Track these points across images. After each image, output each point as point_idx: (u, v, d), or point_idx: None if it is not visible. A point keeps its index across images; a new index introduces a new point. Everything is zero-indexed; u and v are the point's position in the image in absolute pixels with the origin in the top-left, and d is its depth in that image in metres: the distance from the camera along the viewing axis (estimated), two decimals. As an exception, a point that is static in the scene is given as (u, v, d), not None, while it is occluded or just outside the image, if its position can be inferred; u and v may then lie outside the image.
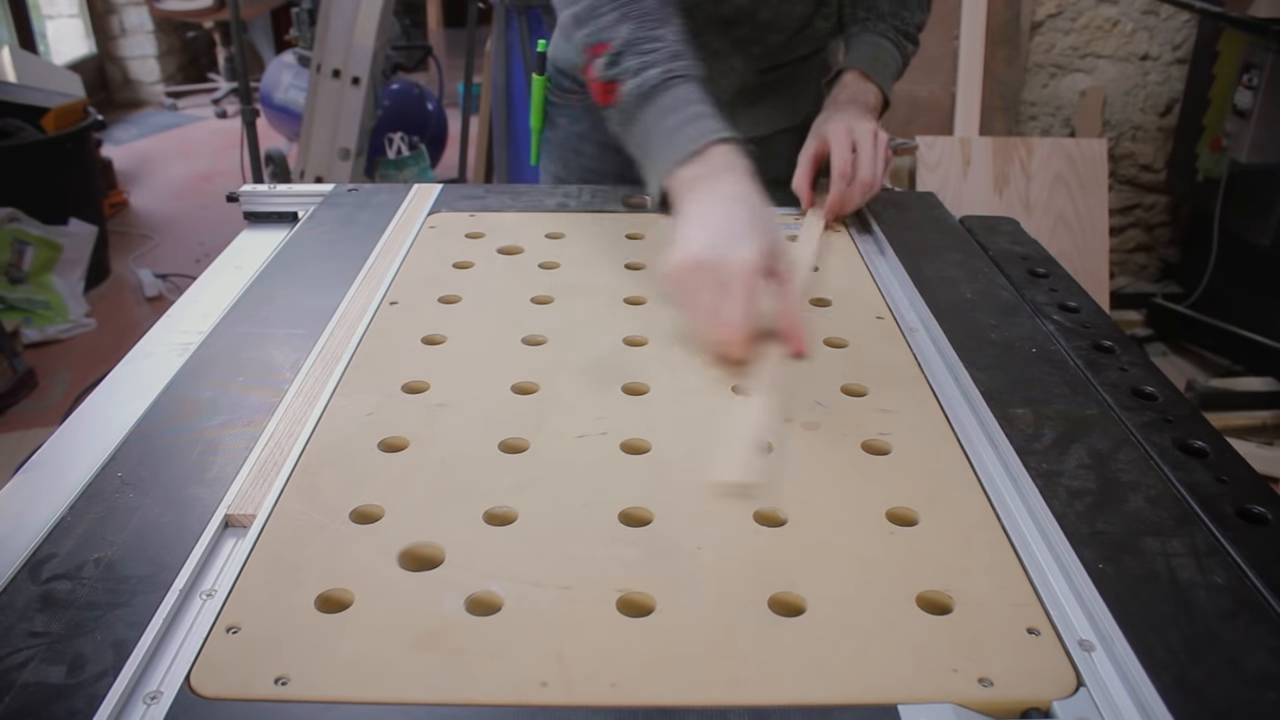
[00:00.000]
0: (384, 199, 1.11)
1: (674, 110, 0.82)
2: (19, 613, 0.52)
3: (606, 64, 0.85)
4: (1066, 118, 2.92)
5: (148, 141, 4.77)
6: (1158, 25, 2.81)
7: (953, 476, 0.65)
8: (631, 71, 0.83)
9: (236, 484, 0.62)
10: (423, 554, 0.57)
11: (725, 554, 0.57)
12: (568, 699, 0.47)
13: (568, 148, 1.24)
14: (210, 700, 0.47)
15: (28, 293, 2.97)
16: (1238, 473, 0.65)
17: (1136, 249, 3.11)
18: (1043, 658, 0.50)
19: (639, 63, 0.83)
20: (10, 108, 3.17)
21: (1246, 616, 0.52)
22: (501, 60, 2.92)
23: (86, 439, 0.68)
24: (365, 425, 0.69)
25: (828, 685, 0.48)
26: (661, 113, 0.82)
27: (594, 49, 0.86)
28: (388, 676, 0.48)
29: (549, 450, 0.66)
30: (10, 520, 0.59)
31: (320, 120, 3.02)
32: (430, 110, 3.64)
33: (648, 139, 0.84)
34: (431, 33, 5.08)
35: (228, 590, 0.53)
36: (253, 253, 1.01)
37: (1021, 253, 1.01)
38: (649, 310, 0.86)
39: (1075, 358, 0.79)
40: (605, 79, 0.85)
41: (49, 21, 4.95)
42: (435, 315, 0.85)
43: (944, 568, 0.56)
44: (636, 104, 0.83)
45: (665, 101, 0.82)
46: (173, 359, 0.79)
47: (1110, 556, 0.57)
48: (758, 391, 0.72)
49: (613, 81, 0.84)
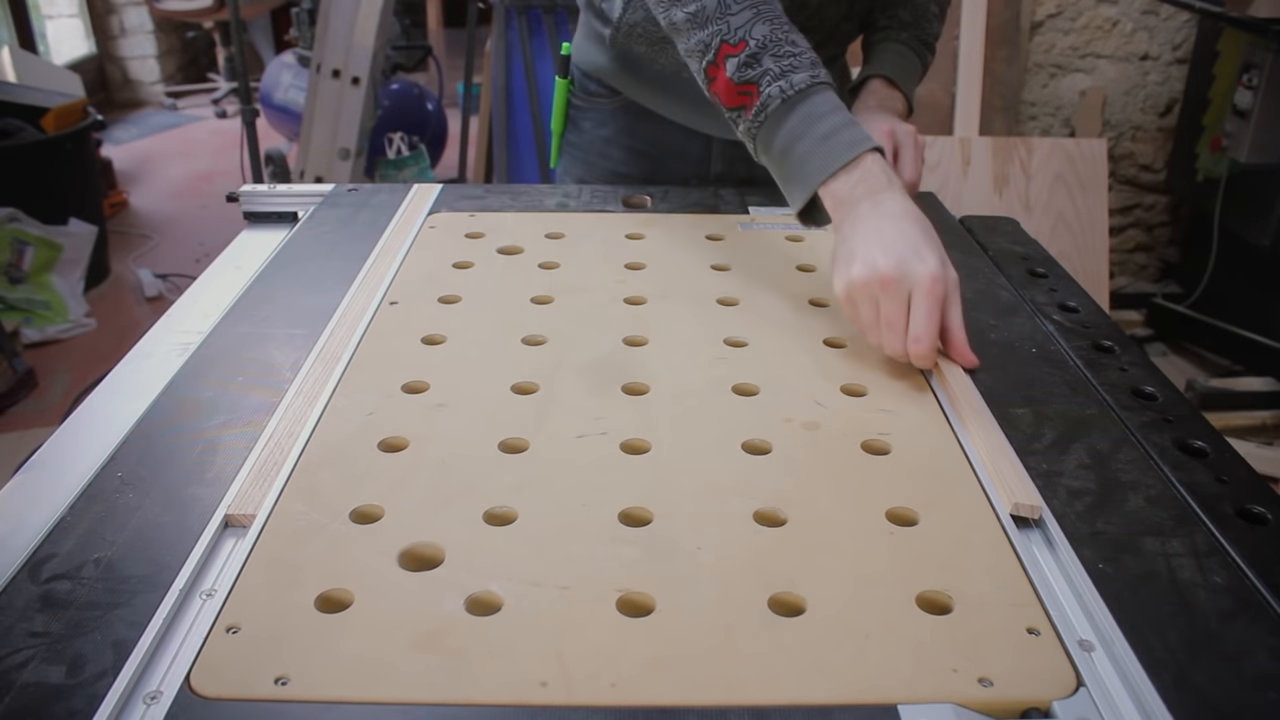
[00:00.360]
0: (384, 199, 1.11)
1: (823, 117, 0.81)
2: (19, 613, 0.52)
3: (743, 64, 0.83)
4: (1066, 118, 2.92)
5: (148, 141, 4.77)
6: (1158, 25, 2.81)
7: (953, 476, 0.65)
8: (774, 74, 0.82)
9: (236, 484, 0.62)
10: (423, 554, 0.57)
11: (725, 554, 0.57)
12: (568, 699, 0.47)
13: (593, 151, 1.23)
14: (210, 700, 0.47)
15: (28, 293, 2.97)
16: (1238, 473, 0.65)
17: (1136, 249, 3.11)
18: (1043, 658, 0.50)
19: (781, 66, 0.82)
20: (10, 108, 3.17)
21: (1246, 616, 0.52)
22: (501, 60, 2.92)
23: (86, 439, 0.68)
24: (365, 425, 0.69)
25: (828, 685, 0.48)
26: (810, 119, 0.82)
27: (726, 49, 0.84)
28: (388, 676, 0.48)
29: (549, 450, 0.66)
30: (10, 520, 0.59)
31: (320, 120, 3.02)
32: (430, 110, 3.64)
33: (794, 144, 0.82)
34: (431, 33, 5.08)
35: (228, 590, 0.53)
36: (253, 253, 1.01)
37: (1021, 253, 1.01)
38: (649, 310, 0.86)
39: (1075, 358, 0.79)
40: (742, 80, 0.83)
41: (49, 21, 4.95)
42: (435, 315, 0.85)
43: (944, 568, 0.56)
44: (784, 108, 0.82)
45: (814, 107, 0.82)
46: (173, 359, 0.79)
47: (1110, 556, 0.57)
48: (973, 414, 0.71)
49: (750, 84, 0.83)
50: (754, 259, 0.97)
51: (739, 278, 0.93)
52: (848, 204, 0.80)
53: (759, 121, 0.84)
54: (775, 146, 0.84)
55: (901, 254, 0.75)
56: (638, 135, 1.19)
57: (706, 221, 1.05)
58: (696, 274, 0.93)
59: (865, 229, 0.78)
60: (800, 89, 0.82)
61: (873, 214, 0.78)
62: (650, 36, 1.06)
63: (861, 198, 0.79)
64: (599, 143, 1.22)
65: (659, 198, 1.12)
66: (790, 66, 0.82)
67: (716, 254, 0.97)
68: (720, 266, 0.95)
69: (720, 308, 0.87)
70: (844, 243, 0.79)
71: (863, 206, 0.79)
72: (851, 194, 0.80)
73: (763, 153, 0.86)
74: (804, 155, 0.82)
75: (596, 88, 1.19)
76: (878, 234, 0.77)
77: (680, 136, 1.17)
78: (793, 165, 0.83)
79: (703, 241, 1.01)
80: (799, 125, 0.82)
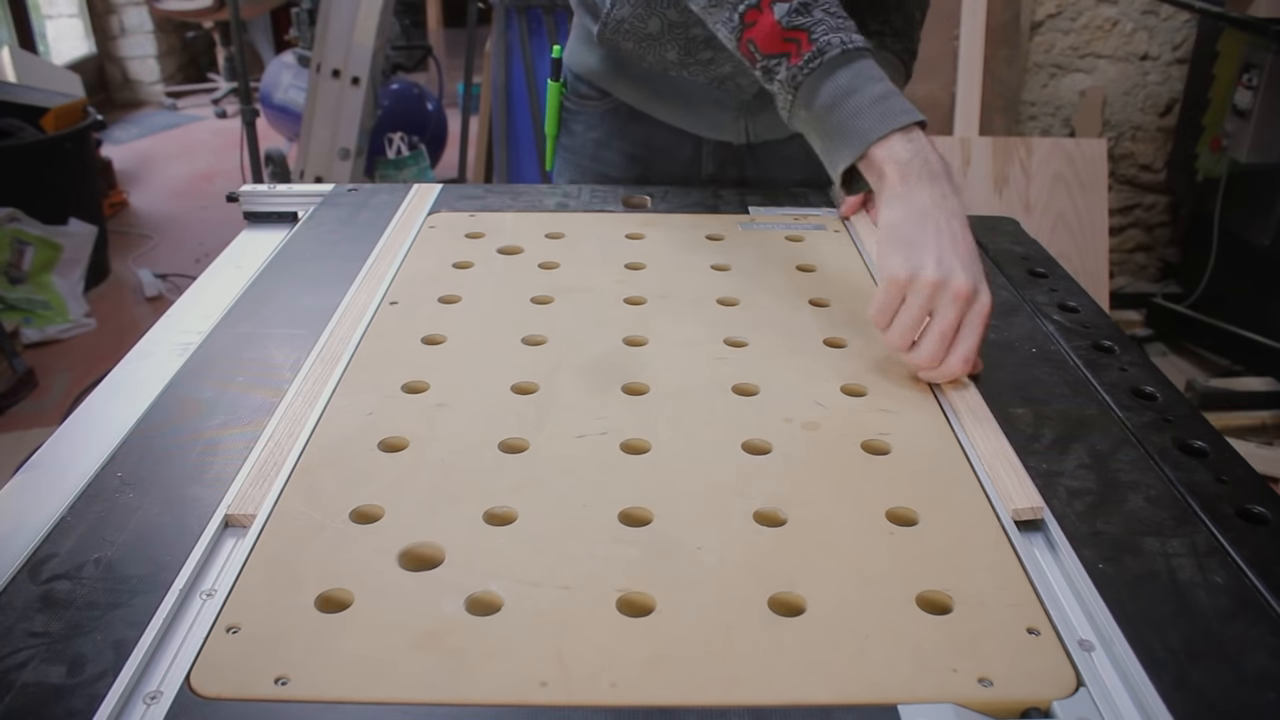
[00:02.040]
0: (384, 199, 1.11)
1: (878, 80, 0.79)
2: (19, 613, 0.52)
3: (795, 10, 0.80)
4: (1066, 118, 2.92)
5: (148, 141, 4.77)
6: (1158, 25, 2.81)
7: (953, 476, 0.65)
8: (831, 26, 0.79)
9: (236, 484, 0.62)
10: (423, 554, 0.57)
11: (725, 554, 0.57)
12: (568, 699, 0.47)
13: (585, 154, 1.22)
14: (210, 700, 0.47)
15: (28, 293, 2.97)
16: (1238, 473, 0.65)
17: (1136, 249, 3.11)
18: (1042, 658, 0.50)
19: (835, 21, 0.80)
20: (10, 108, 3.16)
21: (1246, 616, 0.52)
22: (501, 60, 2.92)
23: (86, 439, 0.68)
24: (365, 425, 0.69)
25: (828, 685, 0.48)
26: (865, 77, 0.78)
27: None
28: (388, 676, 0.48)
29: (549, 450, 0.66)
30: (10, 520, 0.59)
31: (320, 120, 3.02)
32: (430, 110, 3.64)
33: (847, 98, 0.78)
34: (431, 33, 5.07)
35: (228, 590, 0.53)
36: (253, 253, 1.01)
37: (1021, 253, 1.01)
38: (649, 310, 0.86)
39: (1075, 358, 0.79)
40: (791, 25, 0.80)
41: (49, 21, 4.95)
42: (435, 315, 0.85)
43: (944, 568, 0.56)
44: (841, 59, 0.79)
45: (869, 69, 0.79)
46: (172, 359, 0.79)
47: (1110, 556, 0.57)
48: (973, 415, 0.71)
49: (800, 30, 0.79)
50: (754, 259, 0.97)
51: (739, 278, 0.93)
52: (908, 175, 0.76)
53: (810, 69, 0.79)
54: (822, 97, 0.79)
55: (976, 271, 0.73)
56: (629, 137, 1.19)
57: (706, 221, 1.05)
58: (696, 274, 0.93)
59: (937, 221, 0.74)
60: (859, 46, 0.79)
61: (941, 206, 0.75)
62: (637, 34, 1.06)
63: (923, 175, 0.76)
64: (590, 145, 1.22)
65: (659, 198, 1.12)
66: (844, 25, 0.80)
67: (716, 254, 0.97)
68: (720, 266, 0.95)
69: (720, 308, 0.87)
70: (908, 223, 0.75)
71: (927, 189, 0.75)
72: (912, 164, 0.76)
73: (803, 104, 0.81)
74: (858, 109, 0.78)
75: (587, 90, 1.19)
76: (951, 236, 0.74)
77: (670, 138, 1.17)
78: (843, 118, 0.79)
79: (703, 241, 1.01)
80: (854, 80, 0.78)
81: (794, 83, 0.81)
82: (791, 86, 0.81)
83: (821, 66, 0.79)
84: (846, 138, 0.79)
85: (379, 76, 3.06)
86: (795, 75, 0.81)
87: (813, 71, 0.80)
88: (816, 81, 0.80)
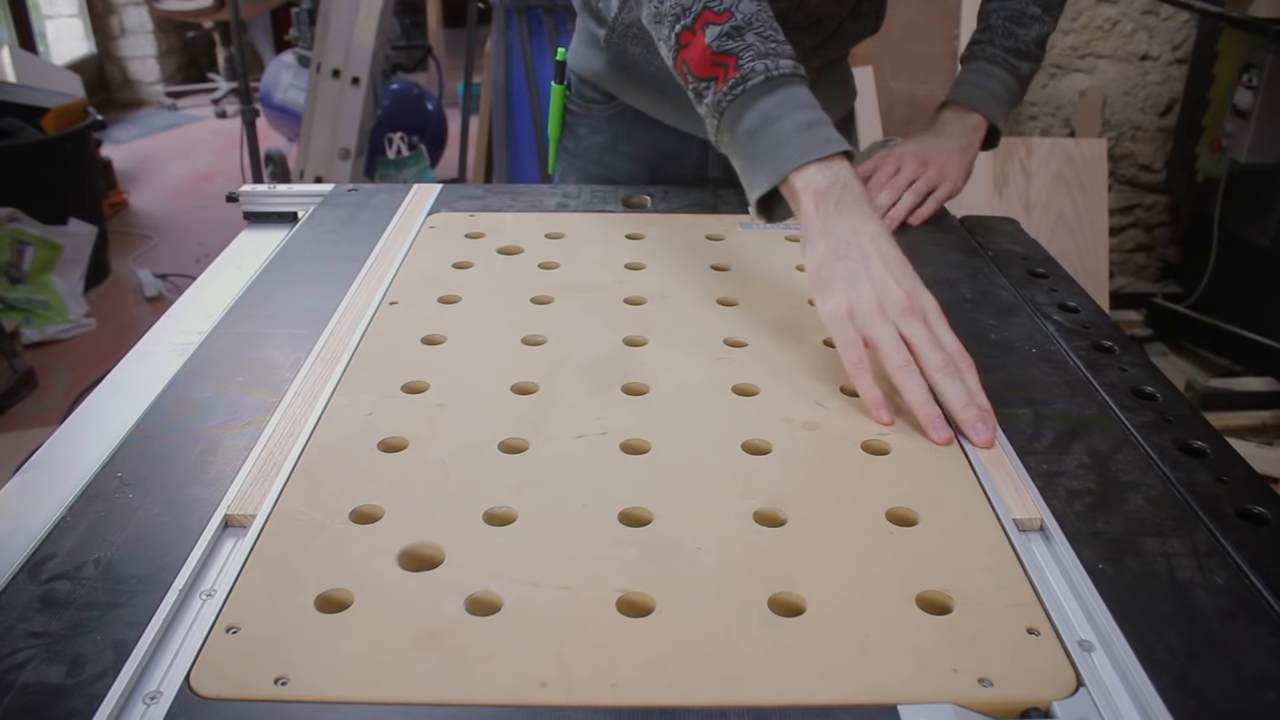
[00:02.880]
0: (384, 199, 1.11)
1: (804, 108, 0.79)
2: (19, 613, 0.52)
3: (724, 34, 0.80)
4: (1066, 118, 2.92)
5: (148, 141, 4.77)
6: (1158, 25, 2.81)
7: (953, 476, 0.65)
8: (759, 52, 0.79)
9: (236, 484, 0.62)
10: (423, 554, 0.57)
11: (725, 554, 0.57)
12: (568, 699, 0.47)
13: (589, 158, 1.22)
14: (210, 700, 0.47)
15: (28, 293, 2.97)
16: (1238, 473, 0.65)
17: (1136, 249, 3.11)
18: (1042, 658, 0.50)
19: (765, 46, 0.79)
20: (10, 108, 3.16)
21: (1246, 616, 0.52)
22: (501, 60, 2.92)
23: (86, 439, 0.68)
24: (365, 425, 0.69)
25: (828, 685, 0.48)
26: (790, 105, 0.78)
27: (709, 15, 0.80)
28: (388, 676, 0.48)
29: (549, 450, 0.66)
30: (10, 520, 0.59)
31: (320, 120, 3.02)
32: (430, 110, 3.64)
33: (769, 125, 0.78)
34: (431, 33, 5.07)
35: (227, 590, 0.53)
36: (253, 253, 1.01)
37: (1021, 253, 1.01)
38: (649, 310, 0.86)
39: (1075, 358, 0.79)
40: (720, 50, 0.80)
41: (49, 21, 4.95)
42: (435, 315, 0.85)
43: (944, 568, 0.56)
44: (765, 86, 0.79)
45: (795, 96, 0.79)
46: (172, 359, 0.79)
47: (1110, 556, 0.57)
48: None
49: (728, 55, 0.79)
50: (754, 259, 0.97)
51: (739, 278, 0.93)
52: (824, 205, 0.76)
53: (734, 95, 0.79)
54: (745, 123, 0.80)
55: (911, 280, 0.73)
56: (634, 141, 1.19)
57: (706, 221, 1.05)
58: (696, 274, 0.93)
59: (861, 248, 0.74)
60: (785, 73, 0.79)
61: (862, 232, 0.75)
62: (645, 37, 1.06)
63: (842, 203, 0.76)
64: (595, 149, 1.21)
65: (659, 198, 1.12)
66: (774, 50, 0.80)
67: (716, 254, 0.97)
68: (720, 266, 0.95)
69: (720, 308, 0.87)
70: (831, 259, 0.75)
71: (845, 218, 0.75)
72: (829, 193, 0.76)
73: (727, 129, 0.81)
74: (780, 138, 0.78)
75: (592, 93, 1.19)
76: (879, 255, 0.74)
77: (677, 142, 1.17)
78: (764, 146, 0.79)
79: (703, 241, 1.01)
80: (777, 108, 0.78)
81: (719, 108, 0.81)
82: (716, 111, 0.81)
83: (745, 94, 0.79)
84: (764, 165, 0.79)
85: (379, 76, 3.06)
86: (720, 100, 0.80)
87: (736, 98, 0.79)
88: (740, 108, 0.80)
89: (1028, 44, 1.10)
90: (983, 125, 1.11)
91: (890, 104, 2.79)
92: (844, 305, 0.73)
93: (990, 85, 1.10)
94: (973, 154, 1.10)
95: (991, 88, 1.10)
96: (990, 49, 1.10)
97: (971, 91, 1.11)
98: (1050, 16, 1.11)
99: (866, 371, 0.72)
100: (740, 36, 0.79)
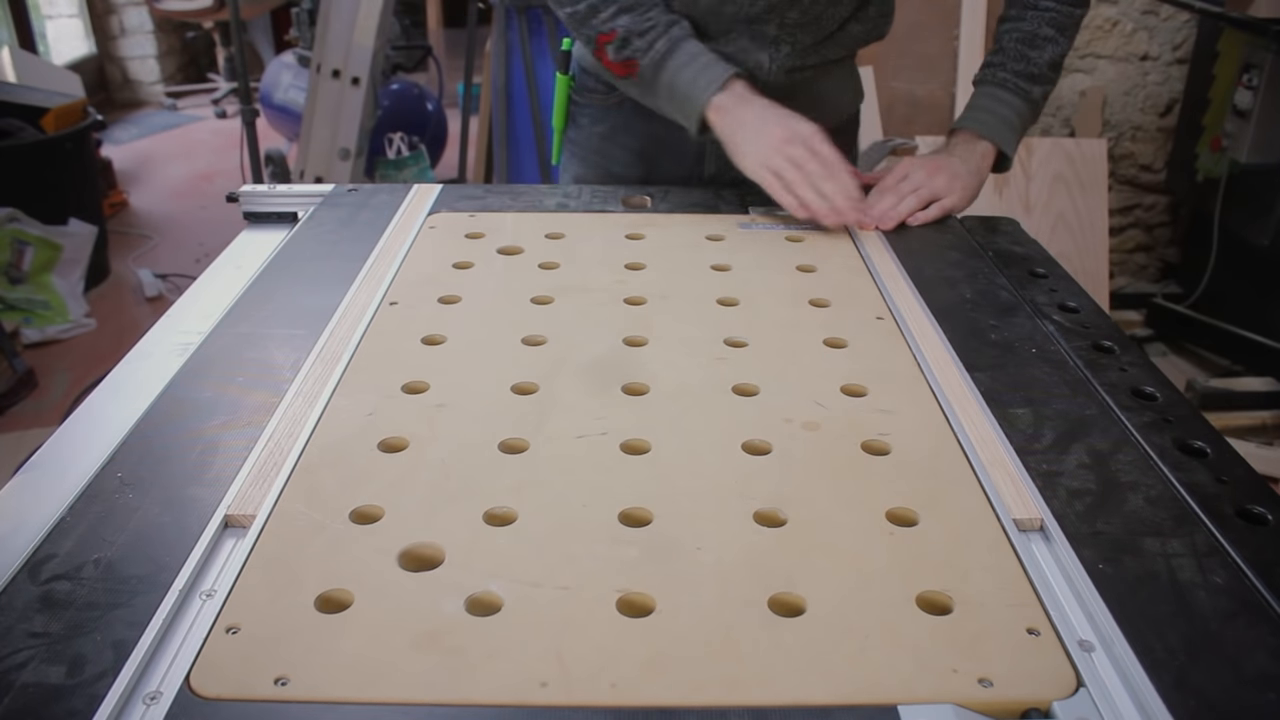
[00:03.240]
0: (384, 199, 1.11)
1: (689, 64, 1.05)
2: (19, 613, 0.52)
3: (618, 48, 1.05)
4: (1066, 118, 2.92)
5: (148, 141, 4.77)
6: (1158, 25, 2.81)
7: (953, 476, 0.65)
8: (642, 50, 1.05)
9: (236, 484, 0.62)
10: (423, 554, 0.57)
11: (725, 554, 0.57)
12: (568, 699, 0.47)
13: (590, 148, 1.24)
14: (210, 700, 0.47)
15: (28, 293, 2.97)
16: (1238, 473, 0.65)
17: (1136, 249, 3.11)
18: (1042, 658, 0.50)
19: (645, 41, 1.05)
20: (10, 108, 3.16)
21: (1246, 617, 0.52)
22: (501, 60, 2.92)
23: (86, 439, 0.68)
24: (365, 425, 0.69)
25: (828, 685, 0.48)
26: (679, 68, 1.05)
27: (602, 38, 1.06)
28: (388, 676, 0.48)
29: (549, 450, 0.66)
30: (10, 520, 0.59)
31: (320, 120, 3.01)
32: (430, 110, 3.64)
33: (674, 90, 1.06)
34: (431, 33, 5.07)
35: (227, 590, 0.53)
36: (253, 253, 1.01)
37: (1021, 253, 1.01)
38: (649, 310, 0.86)
39: (1075, 358, 0.79)
40: (621, 59, 1.06)
41: (49, 21, 4.95)
42: (435, 315, 0.85)
43: (944, 568, 0.56)
44: (655, 71, 1.05)
45: (679, 60, 1.05)
46: (172, 359, 0.79)
47: (1110, 556, 0.57)
48: (971, 418, 0.71)
49: (630, 60, 1.06)
50: (754, 259, 0.97)
51: (739, 278, 0.93)
52: (726, 111, 1.03)
53: (643, 84, 1.08)
54: (662, 97, 1.08)
55: (791, 119, 1.02)
56: (634, 133, 1.21)
57: (706, 221, 1.05)
58: (696, 274, 0.93)
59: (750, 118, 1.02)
60: (664, 53, 1.04)
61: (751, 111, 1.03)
62: None
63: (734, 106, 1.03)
64: (596, 139, 1.23)
65: (659, 198, 1.12)
66: (651, 40, 1.04)
67: (716, 254, 0.97)
68: (720, 266, 0.95)
69: (720, 308, 0.87)
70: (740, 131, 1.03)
71: (739, 109, 1.03)
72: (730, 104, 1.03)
73: (655, 104, 1.10)
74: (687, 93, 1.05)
75: (594, 84, 1.21)
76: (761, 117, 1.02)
77: (675, 135, 1.17)
78: (682, 103, 1.06)
79: (703, 241, 1.01)
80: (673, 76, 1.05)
81: (639, 94, 1.12)
82: (643, 96, 1.12)
83: (647, 83, 1.07)
84: (687, 113, 1.06)
85: (379, 76, 3.06)
86: (636, 91, 1.12)
87: (645, 87, 1.08)
88: (651, 91, 1.09)
89: (1040, 66, 1.10)
90: (991, 152, 1.11)
91: (890, 104, 2.79)
92: (750, 159, 1.03)
93: (1001, 111, 1.10)
94: (981, 178, 1.10)
95: (1002, 114, 1.10)
96: (1001, 73, 1.10)
97: (982, 118, 1.11)
98: (1065, 37, 1.11)
99: (785, 194, 1.02)
100: (629, 45, 1.05)
